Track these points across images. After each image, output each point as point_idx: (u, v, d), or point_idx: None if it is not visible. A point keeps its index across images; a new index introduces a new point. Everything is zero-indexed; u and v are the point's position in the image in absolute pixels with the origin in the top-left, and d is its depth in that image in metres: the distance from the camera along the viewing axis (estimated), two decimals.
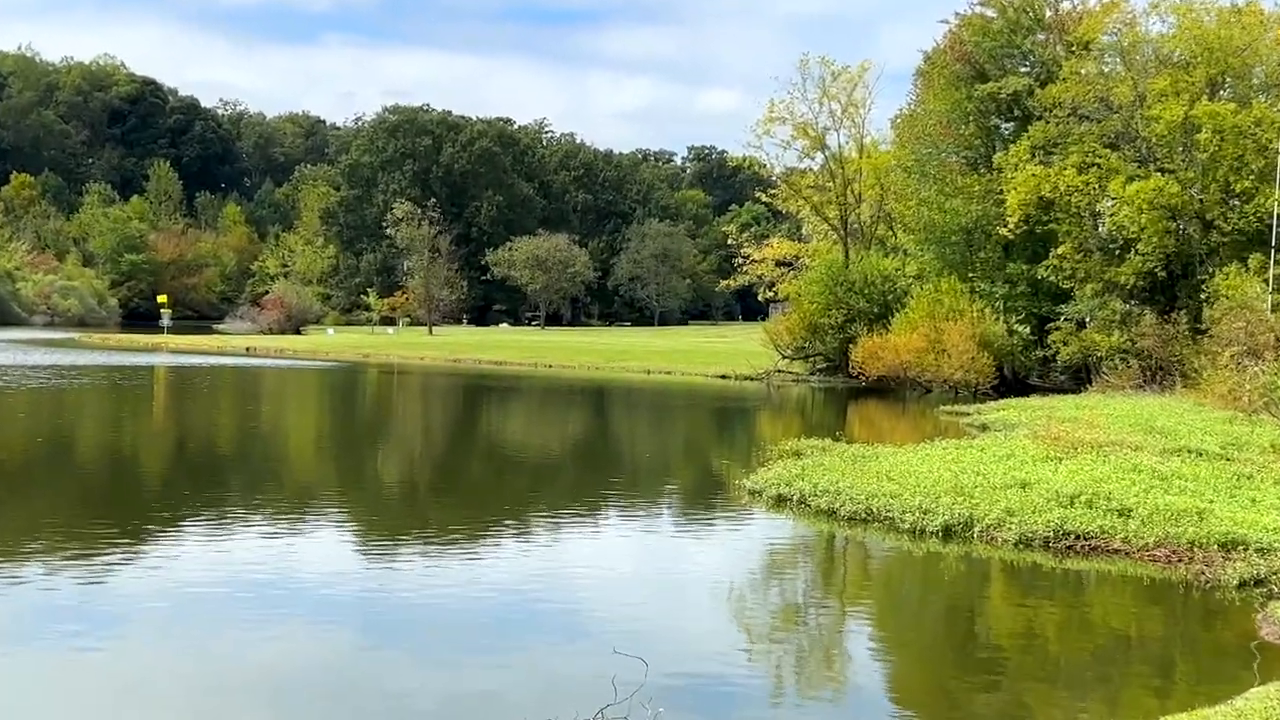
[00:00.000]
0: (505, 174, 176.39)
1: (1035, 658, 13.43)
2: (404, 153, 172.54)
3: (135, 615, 13.32)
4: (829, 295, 59.70)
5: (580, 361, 73.58)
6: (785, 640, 13.74)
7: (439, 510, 21.78)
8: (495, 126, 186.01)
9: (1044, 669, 12.96)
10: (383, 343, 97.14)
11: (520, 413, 46.37)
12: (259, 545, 17.39)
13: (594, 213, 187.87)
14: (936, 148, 55.51)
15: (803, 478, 21.76)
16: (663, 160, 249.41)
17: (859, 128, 67.69)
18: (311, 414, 43.67)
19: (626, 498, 23.67)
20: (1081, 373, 50.86)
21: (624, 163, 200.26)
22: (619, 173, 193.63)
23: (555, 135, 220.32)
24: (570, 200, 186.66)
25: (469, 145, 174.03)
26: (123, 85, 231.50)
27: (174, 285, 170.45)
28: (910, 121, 58.60)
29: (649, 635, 13.36)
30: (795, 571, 17.74)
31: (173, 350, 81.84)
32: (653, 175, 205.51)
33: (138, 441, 31.71)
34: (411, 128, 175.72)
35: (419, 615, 13.92)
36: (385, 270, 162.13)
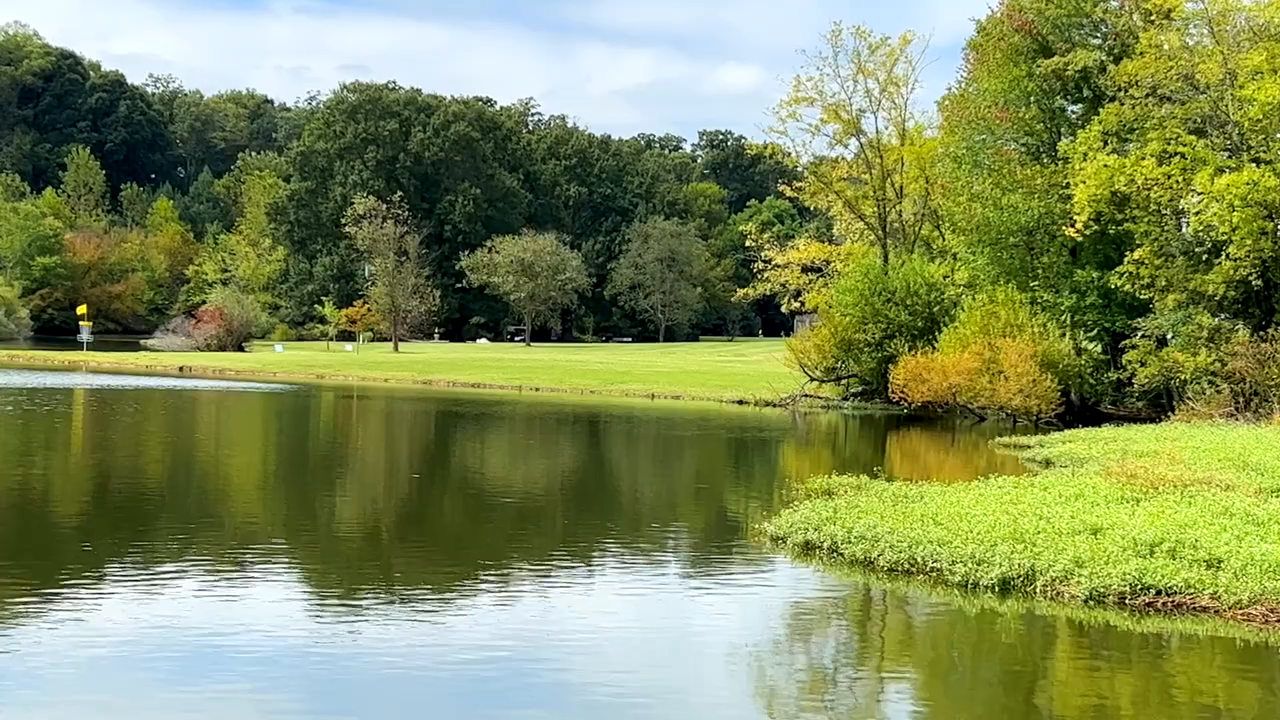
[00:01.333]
0: (484, 163, 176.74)
1: None
2: (366, 138, 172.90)
3: (46, 676, 13.33)
4: (865, 307, 59.74)
5: (572, 384, 73.69)
6: (814, 713, 13.73)
7: (405, 559, 21.79)
8: (473, 107, 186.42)
9: None
10: (340, 361, 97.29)
11: (502, 444, 46.40)
12: (191, 599, 17.41)
13: (589, 209, 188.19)
14: (991, 133, 55.60)
15: (834, 521, 21.76)
16: (670, 147, 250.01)
17: (900, 110, 68.02)
18: (256, 446, 43.70)
19: (627, 545, 23.67)
20: (1162, 398, 50.89)
21: (624, 150, 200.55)
22: (618, 162, 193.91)
23: (543, 118, 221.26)
24: (561, 194, 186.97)
25: (442, 130, 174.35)
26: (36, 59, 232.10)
27: (95, 294, 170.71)
28: (960, 103, 58.67)
29: (654, 706, 13.36)
30: (825, 632, 17.74)
31: (93, 370, 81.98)
32: (658, 165, 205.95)
33: (51, 477, 31.73)
34: (374, 109, 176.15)
35: (379, 681, 13.90)
36: (343, 276, 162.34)
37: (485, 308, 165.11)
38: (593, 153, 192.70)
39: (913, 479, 28.57)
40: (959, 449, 45.40)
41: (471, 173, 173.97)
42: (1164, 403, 50.26)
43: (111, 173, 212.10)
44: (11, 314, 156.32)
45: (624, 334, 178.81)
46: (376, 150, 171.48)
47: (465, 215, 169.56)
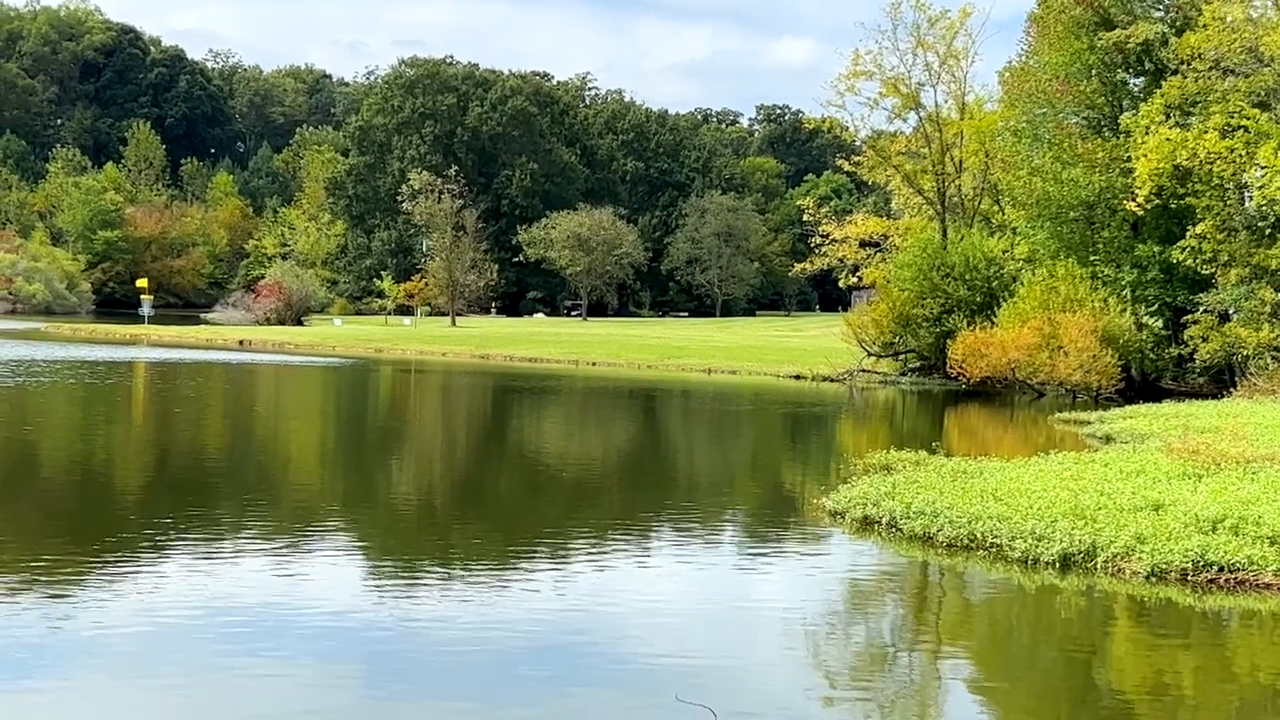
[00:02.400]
0: (542, 138, 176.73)
1: (1167, 711, 13.31)
2: (423, 113, 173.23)
3: (107, 652, 13.42)
4: (923, 281, 59.49)
5: (629, 359, 73.71)
6: (872, 688, 13.68)
7: (463, 533, 21.85)
8: (530, 82, 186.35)
9: None
10: (398, 335, 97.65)
11: (558, 419, 46.47)
12: (252, 572, 17.49)
13: (645, 183, 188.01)
14: (1052, 107, 55.19)
15: (893, 496, 21.69)
16: (726, 122, 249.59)
17: (960, 83, 67.51)
18: (315, 419, 43.93)
19: (684, 519, 23.65)
20: (1224, 374, 50.52)
21: (681, 125, 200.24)
22: (675, 136, 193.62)
23: (600, 92, 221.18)
24: (617, 169, 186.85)
25: (499, 104, 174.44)
26: (97, 34, 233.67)
27: (155, 268, 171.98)
28: (1021, 76, 58.23)
29: (714, 680, 13.33)
30: (884, 607, 17.68)
31: (154, 343, 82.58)
32: (715, 139, 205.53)
33: (113, 451, 31.99)
34: (432, 84, 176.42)
35: (438, 654, 13.93)
36: (401, 251, 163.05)
37: (542, 282, 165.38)
38: (650, 127, 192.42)
39: (972, 454, 28.50)
40: (1018, 425, 45.19)
41: (529, 147, 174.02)
42: (1226, 378, 49.87)
43: (172, 147, 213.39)
44: (74, 288, 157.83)
45: (680, 309, 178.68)
46: (434, 125, 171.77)
47: (522, 190, 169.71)
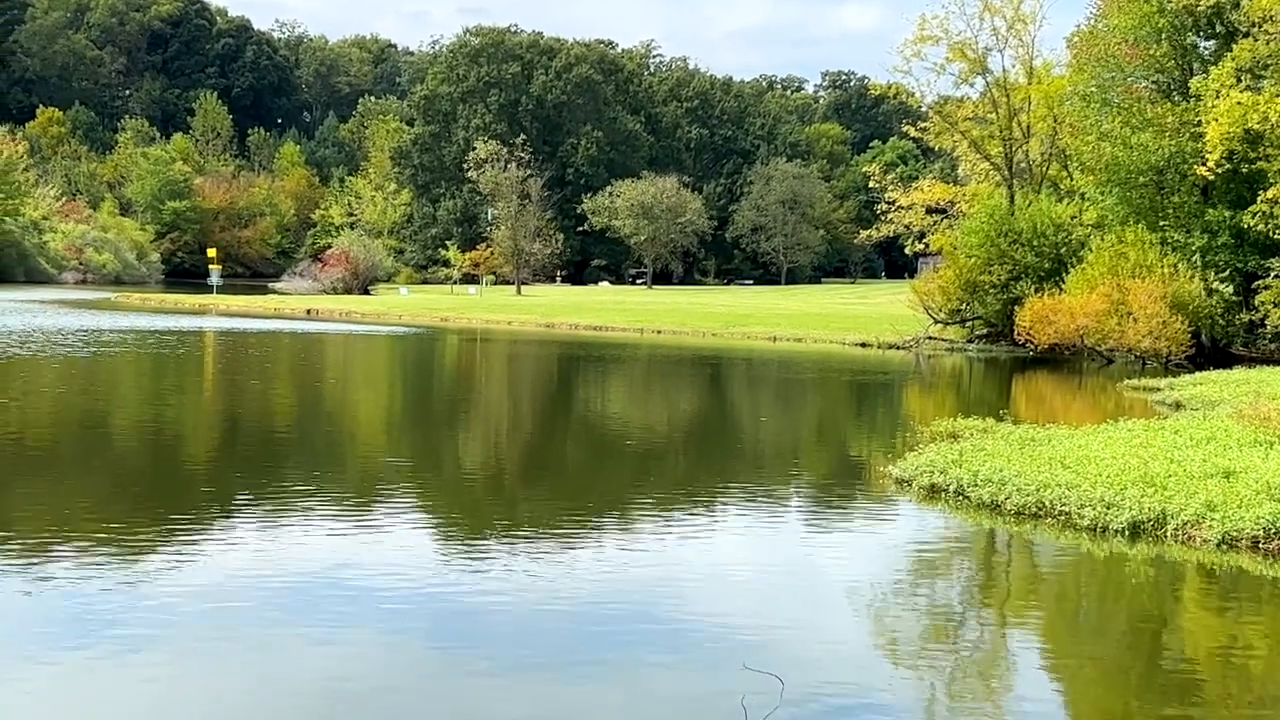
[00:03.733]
0: (606, 106, 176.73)
1: (1237, 679, 13.20)
2: (488, 82, 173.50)
3: (177, 619, 13.54)
4: (990, 248, 59.18)
5: (694, 327, 73.72)
6: (939, 655, 13.65)
7: (529, 501, 21.93)
8: (595, 50, 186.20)
9: (1247, 692, 12.74)
10: (464, 304, 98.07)
11: (624, 387, 46.52)
12: (320, 540, 17.62)
13: (710, 151, 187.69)
14: (1121, 71, 54.64)
15: (960, 464, 21.60)
16: (791, 89, 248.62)
17: (1027, 48, 66.95)
18: (382, 388, 44.18)
19: (749, 487, 23.65)
20: None
21: (745, 92, 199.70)
22: (739, 104, 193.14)
23: (664, 60, 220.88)
24: (682, 136, 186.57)
25: (564, 73, 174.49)
26: (164, 5, 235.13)
27: (224, 238, 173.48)
28: (1090, 40, 57.67)
29: (780, 648, 13.33)
30: (951, 575, 17.61)
31: (223, 313, 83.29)
32: (779, 106, 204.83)
33: (183, 419, 32.30)
34: (497, 52, 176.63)
35: (505, 623, 13.99)
36: (466, 220, 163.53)
37: (607, 251, 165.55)
38: (714, 94, 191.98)
39: (1039, 422, 28.33)
40: (1086, 392, 44.88)
41: (593, 115, 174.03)
42: None
43: (239, 117, 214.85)
44: (143, 258, 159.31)
45: (745, 277, 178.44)
46: (499, 94, 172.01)
47: (587, 158, 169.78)
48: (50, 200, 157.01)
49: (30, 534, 17.07)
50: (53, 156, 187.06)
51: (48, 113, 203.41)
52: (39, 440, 27.23)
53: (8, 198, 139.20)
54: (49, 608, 13.75)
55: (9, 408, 31.41)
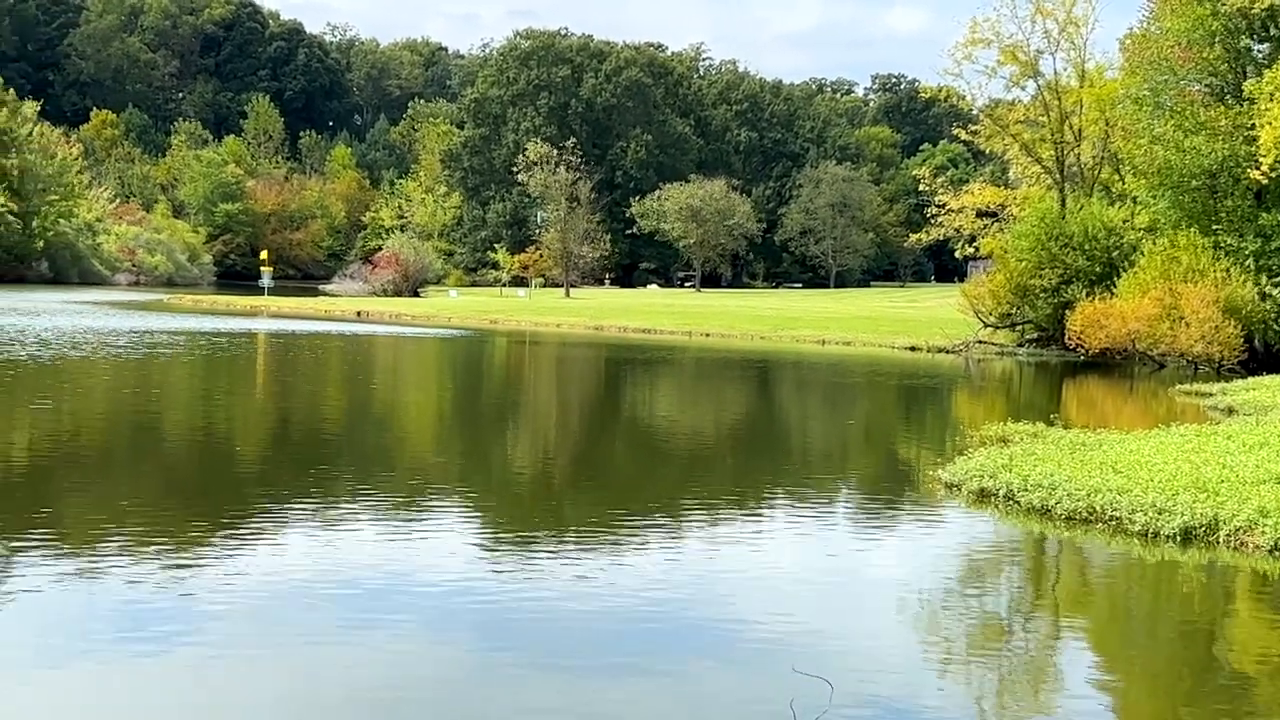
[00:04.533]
0: (656, 109, 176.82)
1: None
2: (538, 85, 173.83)
3: (225, 618, 13.59)
4: (1041, 252, 58.91)
5: (742, 330, 73.66)
6: (989, 661, 13.56)
7: (576, 503, 21.92)
8: (644, 53, 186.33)
9: None
10: (513, 307, 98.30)
11: (672, 389, 46.51)
12: (369, 540, 17.65)
13: (759, 154, 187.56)
14: (1174, 74, 54.30)
15: (1010, 469, 21.46)
16: (841, 91, 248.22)
17: (1079, 51, 66.61)
18: (431, 390, 44.29)
19: (797, 490, 23.58)
20: None
21: (795, 95, 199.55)
22: (789, 106, 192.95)
23: (714, 63, 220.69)
24: (731, 139, 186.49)
25: (614, 75, 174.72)
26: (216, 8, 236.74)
27: (275, 240, 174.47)
28: (1142, 43, 57.34)
29: (829, 652, 13.27)
30: (1000, 580, 17.50)
31: (273, 314, 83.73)
32: (829, 109, 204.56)
33: (233, 420, 32.46)
34: (547, 55, 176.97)
35: (551, 624, 13.97)
36: (516, 222, 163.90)
37: (655, 253, 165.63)
38: (764, 97, 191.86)
39: (1090, 426, 28.15)
40: (1138, 396, 44.59)
41: (643, 118, 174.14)
42: None
43: (290, 120, 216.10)
44: (195, 260, 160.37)
45: (794, 280, 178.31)
46: (549, 97, 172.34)
47: (636, 161, 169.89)
48: (104, 202, 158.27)
49: (82, 532, 17.17)
50: (106, 159, 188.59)
51: (102, 115, 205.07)
52: (91, 440, 27.41)
53: (62, 199, 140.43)
54: (99, 605, 13.82)
55: (62, 409, 31.64)
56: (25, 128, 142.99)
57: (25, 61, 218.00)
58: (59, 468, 23.13)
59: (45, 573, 14.86)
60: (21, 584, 14.43)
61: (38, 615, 13.48)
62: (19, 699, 11.11)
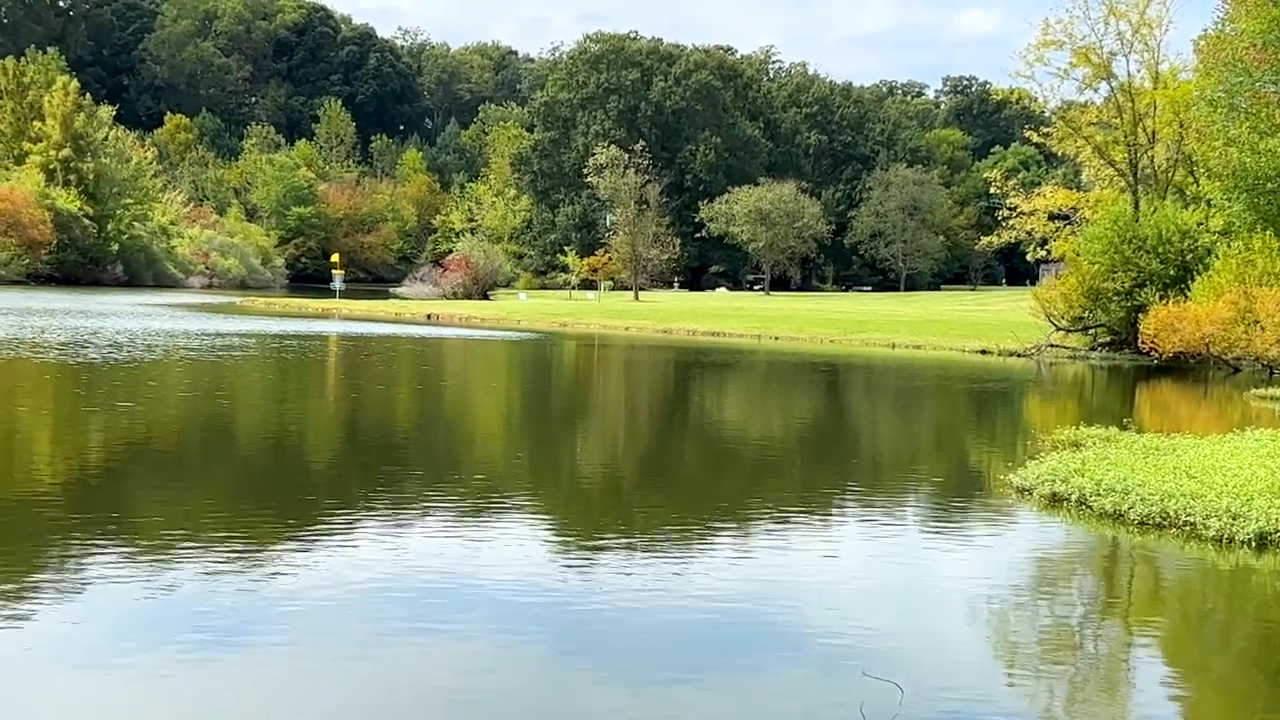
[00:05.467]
0: (725, 112, 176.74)
1: None
2: (608, 88, 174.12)
3: (296, 620, 13.65)
4: (1114, 255, 58.48)
5: (811, 333, 73.49)
6: (1060, 667, 13.44)
7: (645, 506, 21.91)
8: (714, 56, 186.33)
9: None
10: (582, 310, 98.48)
11: (740, 393, 46.43)
12: (439, 542, 17.71)
13: (829, 157, 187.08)
14: (1249, 76, 53.75)
15: (1082, 473, 21.30)
16: (911, 94, 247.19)
17: (1153, 52, 66.10)
18: (500, 393, 44.41)
19: (866, 494, 23.47)
20: None
21: (865, 97, 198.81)
22: (859, 109, 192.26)
23: (784, 66, 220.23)
24: (801, 142, 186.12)
25: (683, 79, 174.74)
26: (289, 13, 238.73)
27: (347, 243, 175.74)
28: (1217, 44, 56.80)
29: (899, 656, 13.20)
30: (1072, 585, 17.35)
31: (345, 317, 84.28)
32: (899, 112, 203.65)
33: (305, 422, 32.66)
34: (617, 59, 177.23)
35: (620, 627, 13.97)
36: (585, 225, 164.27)
37: (724, 257, 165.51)
38: (834, 100, 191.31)
39: (1164, 431, 27.91)
40: (1212, 400, 44.13)
41: (712, 121, 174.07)
42: None
43: (362, 124, 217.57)
44: (268, 263, 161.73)
45: (864, 283, 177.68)
46: (618, 100, 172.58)
47: (706, 164, 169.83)
48: (178, 206, 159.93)
49: (156, 534, 17.32)
50: (180, 162, 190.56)
51: (175, 119, 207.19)
52: (165, 442, 27.67)
53: (137, 203, 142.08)
54: (173, 605, 13.93)
55: (136, 411, 31.95)
56: (101, 132, 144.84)
57: (101, 66, 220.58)
58: (133, 469, 23.37)
59: (120, 573, 15.02)
60: (98, 584, 14.58)
61: (113, 615, 13.61)
62: (96, 698, 11.21)
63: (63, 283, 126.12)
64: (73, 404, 33.20)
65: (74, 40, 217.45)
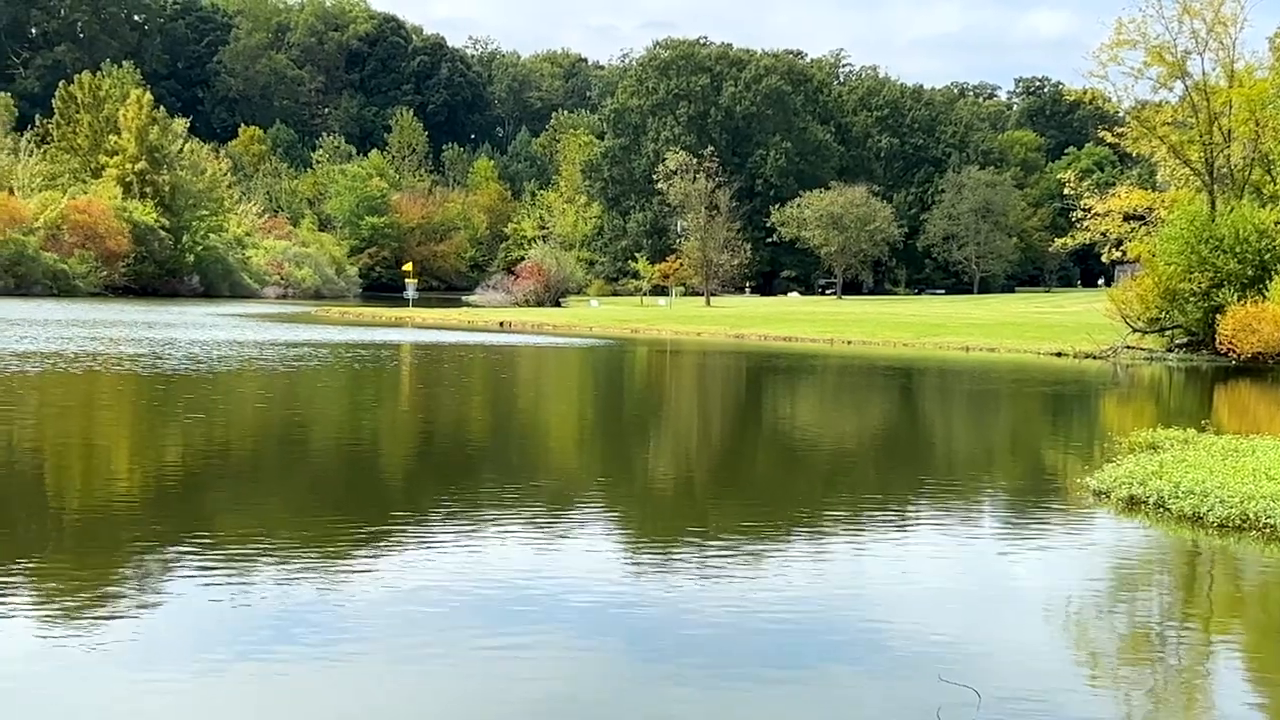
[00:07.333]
0: (795, 116, 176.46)
1: None
2: (677, 94, 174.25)
3: (371, 626, 13.73)
4: (1190, 255, 57.91)
5: (885, 337, 73.20)
6: (1138, 672, 13.32)
7: (718, 510, 21.89)
8: (784, 60, 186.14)
9: None
10: (654, 316, 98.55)
11: (813, 397, 46.31)
12: (512, 549, 17.77)
13: (900, 160, 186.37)
14: None
15: (1160, 475, 21.11)
16: (983, 95, 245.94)
17: (1228, 50, 65.34)
18: (574, 398, 44.51)
19: (941, 498, 23.35)
20: None
21: (936, 99, 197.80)
22: (930, 111, 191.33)
23: (854, 69, 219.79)
24: (872, 146, 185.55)
25: (753, 83, 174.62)
26: (361, 24, 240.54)
27: (419, 252, 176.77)
28: None
29: (975, 661, 13.12)
30: (1150, 588, 17.19)
31: (418, 325, 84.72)
32: (971, 114, 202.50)
33: (379, 430, 32.86)
34: (686, 65, 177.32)
35: (695, 631, 13.96)
36: (656, 232, 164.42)
37: (796, 261, 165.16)
38: (905, 103, 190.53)
39: (1243, 432, 27.60)
40: None
41: (782, 126, 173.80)
42: None
43: (433, 133, 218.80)
44: (341, 272, 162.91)
45: (937, 286, 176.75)
46: (688, 106, 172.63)
47: (777, 169, 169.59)
48: (252, 217, 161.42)
49: (234, 542, 17.47)
50: (254, 174, 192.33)
51: (250, 131, 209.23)
52: (242, 451, 27.91)
53: (212, 215, 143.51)
54: (254, 613, 14.04)
55: (214, 420, 32.25)
56: (176, 144, 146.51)
57: (175, 79, 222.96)
58: (211, 478, 23.60)
59: (200, 581, 15.16)
60: (179, 592, 14.75)
61: (193, 623, 13.74)
62: (178, 706, 11.32)
63: (140, 294, 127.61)
64: (151, 415, 33.57)
65: (149, 54, 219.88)
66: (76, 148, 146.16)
